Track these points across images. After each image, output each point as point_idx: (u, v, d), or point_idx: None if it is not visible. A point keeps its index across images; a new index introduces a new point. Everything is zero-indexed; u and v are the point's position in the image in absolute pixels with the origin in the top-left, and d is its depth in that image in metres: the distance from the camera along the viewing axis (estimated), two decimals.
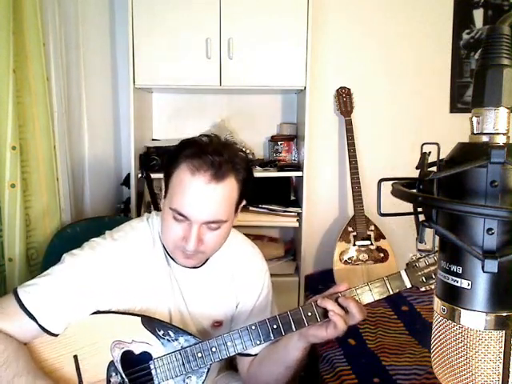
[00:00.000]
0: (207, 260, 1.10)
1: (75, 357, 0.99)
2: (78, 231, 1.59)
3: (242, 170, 0.98)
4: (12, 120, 1.52)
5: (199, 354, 0.97)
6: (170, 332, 0.99)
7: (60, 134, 1.90)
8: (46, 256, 1.51)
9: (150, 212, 1.15)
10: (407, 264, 0.91)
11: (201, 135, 1.00)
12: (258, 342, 0.96)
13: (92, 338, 0.99)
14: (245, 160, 1.01)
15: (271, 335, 0.95)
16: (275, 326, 0.95)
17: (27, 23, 1.64)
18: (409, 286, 0.90)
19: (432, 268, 0.89)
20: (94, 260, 1.01)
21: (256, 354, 1.12)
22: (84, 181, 2.12)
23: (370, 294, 0.93)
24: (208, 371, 0.98)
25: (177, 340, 0.98)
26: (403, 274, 0.91)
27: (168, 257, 1.07)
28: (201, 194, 0.93)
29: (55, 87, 1.88)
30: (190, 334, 1.00)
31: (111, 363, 0.99)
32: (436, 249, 0.71)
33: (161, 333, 0.99)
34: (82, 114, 2.06)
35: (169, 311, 1.07)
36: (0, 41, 1.48)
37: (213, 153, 0.94)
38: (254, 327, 0.96)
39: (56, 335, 0.98)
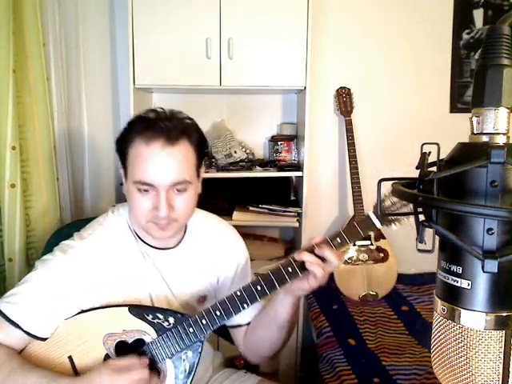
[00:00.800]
0: (182, 239, 1.12)
1: (70, 357, 0.99)
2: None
3: (194, 134, 1.02)
4: (12, 120, 1.52)
5: (191, 330, 0.97)
6: (158, 315, 0.99)
7: (60, 134, 1.90)
8: (44, 255, 1.51)
9: None
10: (374, 206, 0.91)
11: (147, 110, 1.02)
12: (246, 306, 0.96)
13: (83, 336, 1.00)
14: (194, 124, 1.04)
15: (257, 297, 0.95)
16: (259, 288, 0.95)
17: (27, 23, 1.64)
18: (379, 226, 0.91)
19: (398, 205, 0.90)
20: (66, 262, 1.01)
21: (248, 324, 1.15)
22: (84, 180, 2.12)
23: (344, 240, 0.93)
24: (202, 344, 0.99)
25: (167, 321, 0.99)
26: (372, 215, 0.91)
27: (141, 243, 1.08)
28: (160, 159, 0.96)
29: (55, 87, 1.88)
30: (178, 313, 1.01)
31: (106, 356, 0.99)
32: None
33: (150, 317, 0.99)
34: (82, 114, 2.06)
35: (150, 297, 1.07)
36: (0, 41, 1.48)
37: (162, 121, 0.97)
38: (238, 293, 0.96)
39: (44, 339, 0.99)
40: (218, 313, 0.97)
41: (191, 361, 0.99)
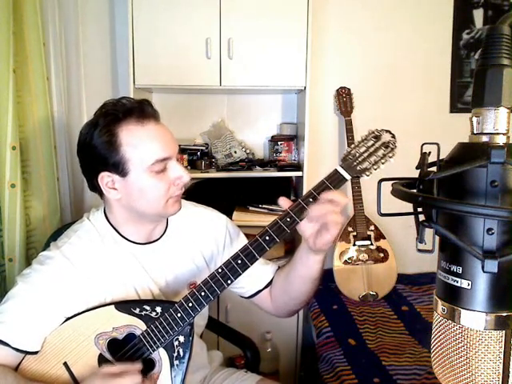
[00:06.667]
0: (165, 230, 1.12)
1: (65, 364, 0.99)
2: None
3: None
4: (12, 120, 1.52)
5: (178, 315, 0.97)
6: (145, 306, 1.00)
7: (60, 134, 1.90)
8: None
9: None
10: (341, 159, 0.92)
11: (107, 106, 1.00)
12: (230, 282, 0.96)
13: (74, 340, 1.00)
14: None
15: (239, 270, 0.95)
16: (240, 261, 0.95)
17: (27, 23, 1.64)
18: (348, 177, 0.91)
19: (365, 155, 0.91)
20: (45, 274, 1.00)
21: (267, 285, 1.16)
22: (84, 180, 2.11)
23: (316, 198, 0.92)
24: (192, 327, 0.99)
25: (154, 311, 0.99)
26: (340, 169, 0.91)
27: (123, 241, 1.07)
28: (162, 132, 1.00)
29: (55, 87, 1.88)
30: (165, 301, 1.02)
31: (100, 356, 1.00)
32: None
33: (137, 311, 1.00)
34: (81, 114, 2.06)
35: (137, 294, 1.07)
36: (0, 41, 1.48)
37: (130, 103, 0.98)
38: (220, 270, 0.96)
39: (35, 352, 0.99)
40: (202, 293, 0.97)
41: (184, 345, 0.99)
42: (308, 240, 0.97)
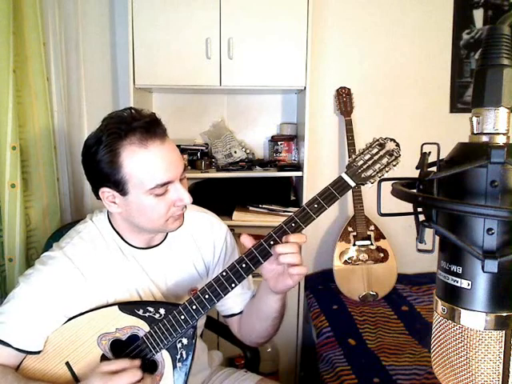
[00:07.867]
0: (167, 235, 1.13)
1: (67, 363, 0.99)
2: None
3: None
4: (12, 120, 1.52)
5: (182, 317, 0.97)
6: (148, 308, 1.00)
7: (60, 134, 1.91)
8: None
9: None
10: (346, 166, 0.93)
11: (112, 119, 0.98)
12: (234, 285, 0.95)
13: (77, 340, 1.00)
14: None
15: (243, 274, 0.95)
16: (244, 265, 0.94)
17: (27, 23, 1.64)
18: (353, 184, 0.92)
19: (369, 163, 0.92)
20: (47, 274, 1.00)
21: (240, 312, 1.18)
22: (84, 181, 2.12)
23: (321, 204, 0.93)
24: (195, 330, 0.99)
25: (158, 312, 0.99)
26: (344, 176, 0.92)
27: (125, 245, 1.07)
28: (165, 154, 0.96)
29: (55, 87, 1.88)
30: (169, 303, 1.02)
31: (103, 356, 1.00)
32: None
33: (140, 312, 1.00)
34: (81, 114, 2.06)
35: (139, 297, 1.07)
36: (0, 41, 1.48)
37: (137, 121, 0.95)
38: (224, 273, 0.96)
39: (38, 352, 0.99)
40: (206, 296, 0.97)
41: (187, 347, 0.99)
42: (268, 281, 0.98)
